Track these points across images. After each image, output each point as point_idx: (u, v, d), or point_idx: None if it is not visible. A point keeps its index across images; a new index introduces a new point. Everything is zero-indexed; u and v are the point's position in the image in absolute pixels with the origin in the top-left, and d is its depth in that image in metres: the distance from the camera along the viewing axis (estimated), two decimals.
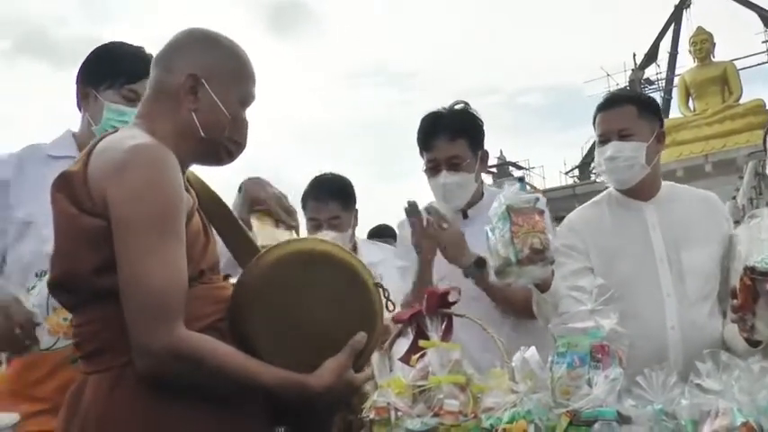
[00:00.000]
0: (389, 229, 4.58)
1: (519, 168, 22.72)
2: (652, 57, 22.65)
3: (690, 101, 17.99)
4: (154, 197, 1.32)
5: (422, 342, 1.63)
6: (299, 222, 2.01)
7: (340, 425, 1.59)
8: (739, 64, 18.40)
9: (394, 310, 1.56)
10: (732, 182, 14.22)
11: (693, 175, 14.71)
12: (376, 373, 1.61)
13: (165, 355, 1.28)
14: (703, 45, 17.81)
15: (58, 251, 1.42)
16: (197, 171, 1.63)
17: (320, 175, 2.81)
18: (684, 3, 21.78)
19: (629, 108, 2.18)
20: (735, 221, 2.28)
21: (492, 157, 2.52)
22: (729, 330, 1.91)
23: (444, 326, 1.69)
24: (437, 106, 2.39)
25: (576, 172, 22.16)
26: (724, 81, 17.52)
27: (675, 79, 20.40)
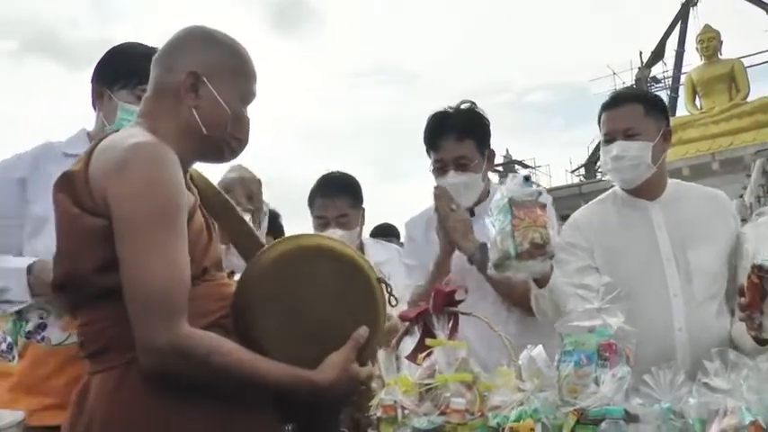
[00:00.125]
0: (392, 228, 4.58)
1: (525, 167, 22.65)
2: (659, 55, 22.55)
3: (696, 99, 17.89)
4: (154, 195, 1.32)
5: (428, 340, 1.64)
6: (260, 207, 2.01)
7: (348, 423, 1.59)
8: (747, 62, 18.28)
9: (397, 304, 1.56)
10: (739, 180, 14.14)
11: (700, 173, 14.63)
12: (383, 372, 1.61)
13: (170, 352, 1.29)
14: (710, 43, 17.71)
15: (60, 251, 1.42)
16: (200, 168, 1.64)
17: (328, 174, 2.82)
18: (691, 0, 21.69)
19: (634, 107, 2.16)
20: (742, 219, 2.26)
21: (498, 155, 2.51)
22: (737, 329, 1.90)
23: (451, 324, 1.69)
24: (442, 106, 2.38)
25: (582, 171, 22.08)
26: (731, 79, 17.41)
27: (682, 77, 20.31)
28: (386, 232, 4.37)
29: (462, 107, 2.37)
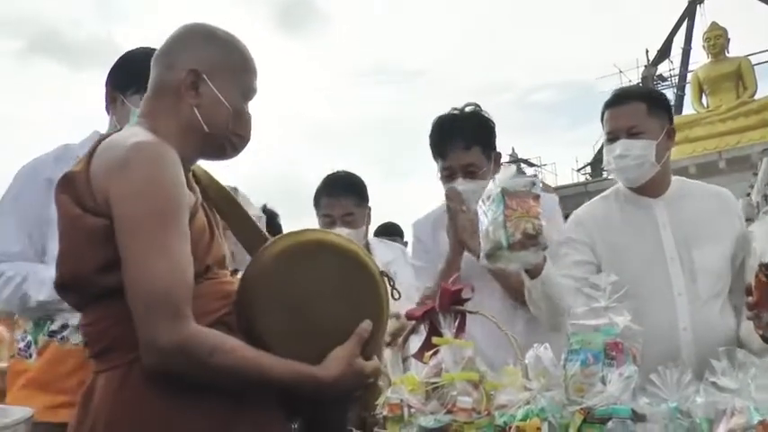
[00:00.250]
0: (396, 227, 4.59)
1: (531, 165, 22.62)
2: (665, 53, 22.45)
3: (703, 97, 17.82)
4: (155, 194, 1.33)
5: (435, 339, 1.63)
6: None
7: (355, 422, 1.59)
8: (754, 59, 18.17)
9: (399, 298, 1.56)
10: (746, 179, 14.07)
11: (707, 171, 14.58)
12: (389, 370, 1.61)
13: (173, 350, 1.29)
14: (717, 41, 17.62)
15: (63, 252, 1.43)
16: (204, 166, 1.64)
17: (333, 173, 2.83)
18: None
19: (638, 105, 2.15)
20: (749, 219, 2.26)
21: (504, 154, 2.52)
22: (745, 328, 1.89)
23: (457, 323, 1.69)
24: (446, 106, 2.40)
25: (588, 169, 22.02)
26: (738, 77, 17.33)
27: (689, 75, 20.22)
28: (390, 231, 4.38)
29: (467, 110, 2.37)
